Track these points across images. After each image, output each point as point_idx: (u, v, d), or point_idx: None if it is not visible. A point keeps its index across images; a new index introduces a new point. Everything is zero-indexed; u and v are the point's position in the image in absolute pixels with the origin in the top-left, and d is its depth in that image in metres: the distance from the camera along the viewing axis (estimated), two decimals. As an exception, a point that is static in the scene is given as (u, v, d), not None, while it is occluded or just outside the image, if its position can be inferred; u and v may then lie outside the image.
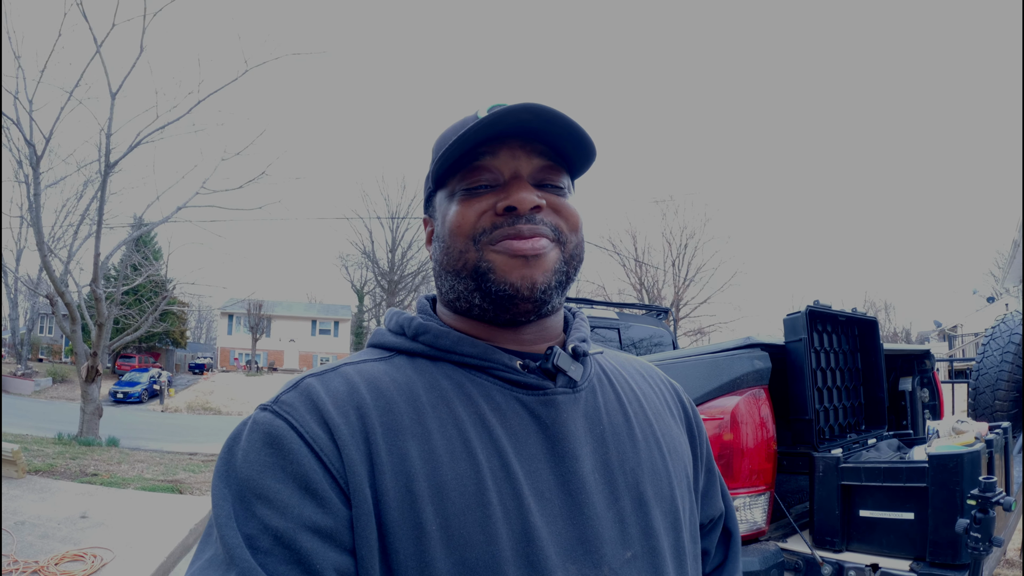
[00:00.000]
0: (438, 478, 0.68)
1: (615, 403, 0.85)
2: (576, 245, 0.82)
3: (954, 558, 2.14)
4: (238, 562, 0.60)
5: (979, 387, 4.37)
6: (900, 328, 45.99)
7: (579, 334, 0.87)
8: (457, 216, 0.79)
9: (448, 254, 0.80)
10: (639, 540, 0.75)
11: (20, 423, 15.28)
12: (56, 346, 42.14)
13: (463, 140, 0.76)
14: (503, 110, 0.74)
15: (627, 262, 33.61)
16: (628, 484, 0.78)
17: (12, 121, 11.92)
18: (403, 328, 0.83)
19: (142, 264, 16.18)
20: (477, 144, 0.79)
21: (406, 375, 0.76)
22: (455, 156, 0.79)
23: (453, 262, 0.80)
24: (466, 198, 0.79)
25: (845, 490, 2.44)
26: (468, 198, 0.79)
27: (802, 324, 2.66)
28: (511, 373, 0.78)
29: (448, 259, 0.80)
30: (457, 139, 0.76)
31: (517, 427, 0.75)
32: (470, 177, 0.80)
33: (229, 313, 48.03)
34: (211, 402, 30.80)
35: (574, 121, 0.77)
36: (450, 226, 0.80)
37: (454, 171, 0.82)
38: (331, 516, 0.64)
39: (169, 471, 9.45)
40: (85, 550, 5.04)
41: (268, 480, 0.64)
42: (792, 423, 2.69)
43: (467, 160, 0.80)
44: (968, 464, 2.17)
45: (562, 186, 0.82)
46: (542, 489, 0.72)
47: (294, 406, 0.69)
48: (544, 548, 0.68)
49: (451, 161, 0.80)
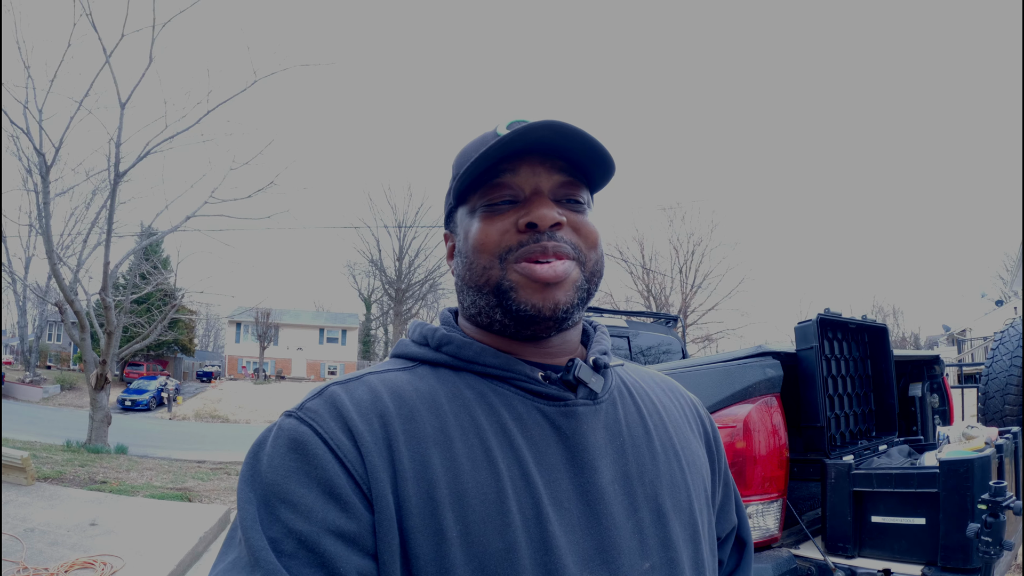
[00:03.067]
0: (459, 485, 0.69)
1: (635, 416, 0.86)
2: (596, 262, 0.83)
3: (965, 562, 2.14)
4: (263, 564, 0.61)
5: (989, 392, 4.34)
6: (909, 333, 45.78)
7: (600, 347, 0.88)
8: (480, 233, 0.80)
9: (471, 270, 0.81)
10: (658, 551, 0.76)
11: (29, 430, 15.32)
12: (64, 353, 42.30)
13: (484, 158, 0.77)
14: (524, 128, 0.75)
15: (634, 269, 33.57)
16: (647, 496, 0.79)
17: (22, 130, 12.03)
18: (426, 339, 0.84)
19: (151, 273, 16.25)
20: (498, 161, 0.80)
21: (429, 384, 0.77)
22: (476, 173, 0.80)
23: (476, 278, 0.80)
24: (488, 215, 0.80)
25: (857, 496, 2.44)
26: (490, 215, 0.80)
27: (813, 332, 2.67)
28: (533, 384, 0.78)
29: (471, 275, 0.81)
30: (479, 157, 0.77)
31: (538, 437, 0.75)
32: (491, 193, 0.81)
33: (237, 321, 48.14)
34: (219, 410, 30.88)
35: (593, 137, 0.78)
36: (473, 243, 0.80)
37: (475, 187, 0.82)
38: (354, 521, 0.65)
39: (178, 479, 9.48)
40: (95, 557, 5.05)
41: (293, 485, 0.65)
42: (804, 430, 2.69)
43: (488, 177, 0.81)
44: (979, 469, 2.17)
45: (582, 201, 0.83)
46: (561, 499, 0.73)
47: (319, 413, 0.70)
48: (562, 557, 0.68)
49: (472, 178, 0.81)
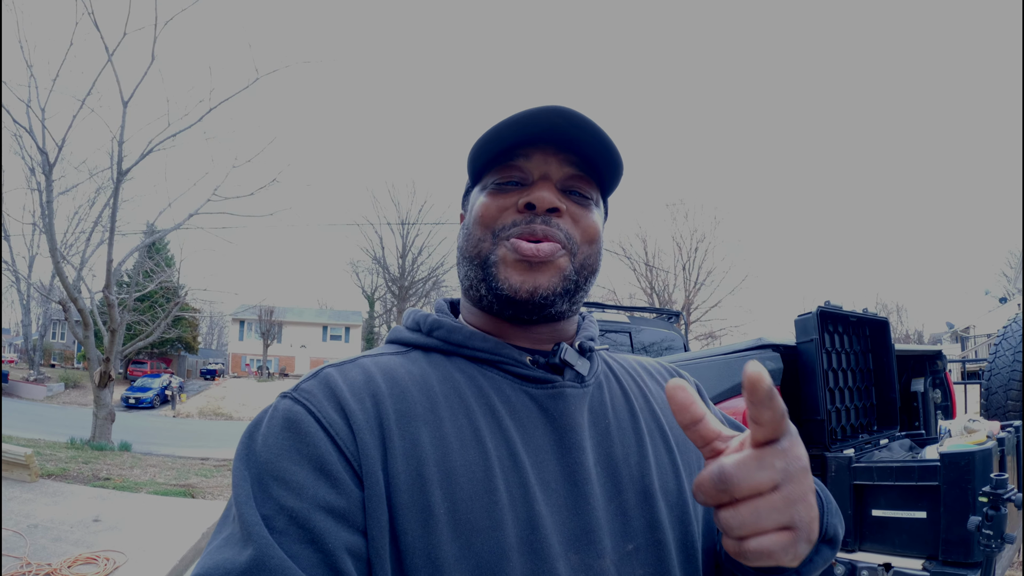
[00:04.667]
0: (448, 464, 0.70)
1: (621, 399, 0.87)
2: (588, 256, 0.84)
3: (966, 556, 2.13)
4: (255, 539, 0.61)
5: (991, 387, 4.34)
6: (912, 330, 45.62)
7: (587, 333, 0.90)
8: (482, 207, 0.83)
9: (468, 240, 0.84)
10: (643, 533, 0.76)
11: (33, 428, 15.37)
12: (68, 351, 42.40)
13: (497, 136, 0.80)
14: (535, 109, 0.77)
15: (637, 266, 33.51)
16: (632, 478, 0.79)
17: (25, 129, 12.06)
18: (419, 324, 0.87)
19: (154, 270, 16.30)
20: (514, 146, 0.82)
21: (421, 368, 0.79)
22: (493, 153, 0.83)
23: (470, 249, 0.84)
24: (494, 192, 0.83)
25: (857, 490, 2.44)
26: (496, 192, 0.83)
27: (813, 325, 2.66)
28: (521, 368, 0.80)
29: (467, 245, 0.84)
30: (491, 133, 0.80)
31: (526, 419, 0.77)
32: (502, 173, 0.83)
33: (240, 319, 48.16)
34: (222, 407, 30.94)
35: (603, 130, 0.80)
36: (475, 215, 0.84)
37: (489, 168, 0.85)
38: (344, 497, 0.66)
39: (181, 475, 9.51)
40: (98, 553, 5.08)
41: (285, 462, 0.66)
42: (804, 423, 2.68)
43: (503, 159, 0.83)
44: (980, 462, 2.17)
45: (588, 196, 0.85)
46: (548, 479, 0.74)
47: (313, 393, 0.72)
48: (548, 536, 0.69)
49: (489, 158, 0.84)
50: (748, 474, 0.55)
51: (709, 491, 0.57)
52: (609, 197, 0.92)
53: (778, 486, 0.56)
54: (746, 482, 0.55)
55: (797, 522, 0.56)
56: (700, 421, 0.62)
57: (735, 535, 0.56)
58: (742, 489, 0.56)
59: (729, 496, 0.56)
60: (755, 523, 0.55)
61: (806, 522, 0.57)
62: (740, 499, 0.56)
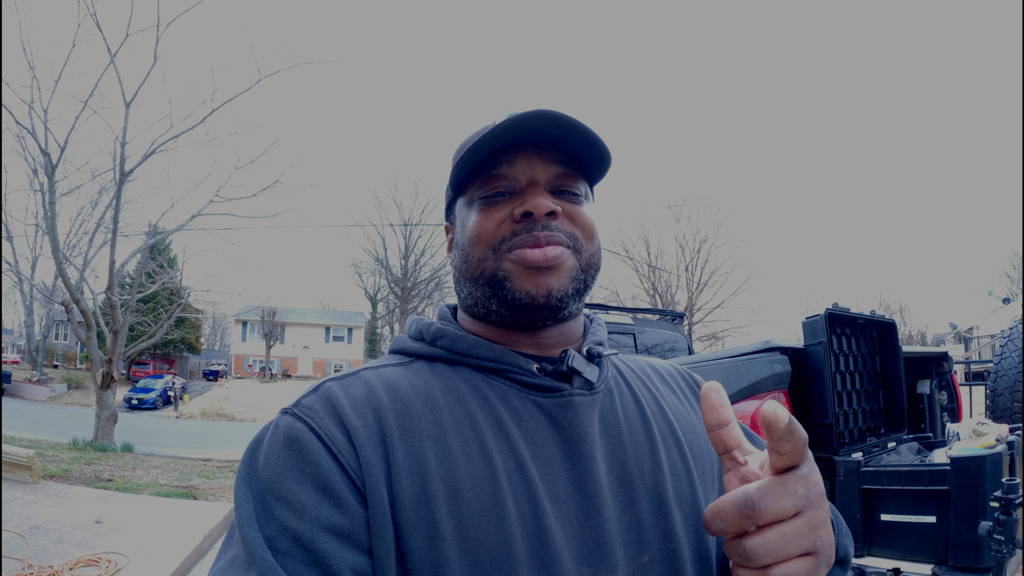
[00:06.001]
0: (453, 479, 0.68)
1: (632, 405, 0.85)
2: (592, 254, 0.83)
3: (977, 561, 2.11)
4: (259, 562, 0.60)
5: (997, 389, 4.31)
6: (916, 331, 45.57)
7: (595, 337, 0.88)
8: (476, 225, 0.81)
9: (467, 262, 0.82)
10: (657, 544, 0.74)
11: (35, 429, 15.38)
12: (71, 352, 42.51)
13: (479, 147, 0.77)
14: (517, 117, 0.75)
15: (640, 267, 33.55)
16: (646, 487, 0.77)
17: (27, 130, 12.07)
18: (422, 334, 0.85)
19: (157, 272, 16.28)
20: (494, 153, 0.80)
21: (424, 379, 0.77)
22: (473, 164, 0.81)
23: (472, 270, 0.81)
24: (484, 206, 0.81)
25: (866, 494, 2.42)
26: (486, 206, 0.81)
27: (821, 327, 2.65)
28: (527, 376, 0.78)
29: (467, 266, 0.82)
30: (473, 146, 0.77)
31: (533, 429, 0.75)
32: (487, 185, 0.81)
33: (243, 320, 48.26)
34: (225, 408, 31.01)
35: (588, 127, 0.78)
36: (470, 234, 0.81)
37: (472, 179, 0.83)
38: (348, 517, 0.64)
39: (184, 477, 9.50)
40: (100, 555, 5.07)
41: (287, 482, 0.65)
42: (812, 427, 2.67)
43: (485, 168, 0.81)
44: (990, 466, 2.15)
45: (579, 192, 0.83)
46: (558, 491, 0.72)
47: (314, 409, 0.70)
48: (558, 551, 0.68)
49: (469, 169, 0.82)
50: (773, 500, 0.55)
51: (731, 518, 0.56)
52: (596, 186, 0.90)
53: (800, 512, 0.55)
54: (772, 508, 0.55)
55: (819, 547, 0.56)
56: (727, 425, 0.63)
57: (759, 563, 0.55)
58: (767, 515, 0.55)
59: (752, 523, 0.55)
60: (782, 550, 0.55)
61: (827, 546, 0.57)
62: (764, 526, 0.55)
